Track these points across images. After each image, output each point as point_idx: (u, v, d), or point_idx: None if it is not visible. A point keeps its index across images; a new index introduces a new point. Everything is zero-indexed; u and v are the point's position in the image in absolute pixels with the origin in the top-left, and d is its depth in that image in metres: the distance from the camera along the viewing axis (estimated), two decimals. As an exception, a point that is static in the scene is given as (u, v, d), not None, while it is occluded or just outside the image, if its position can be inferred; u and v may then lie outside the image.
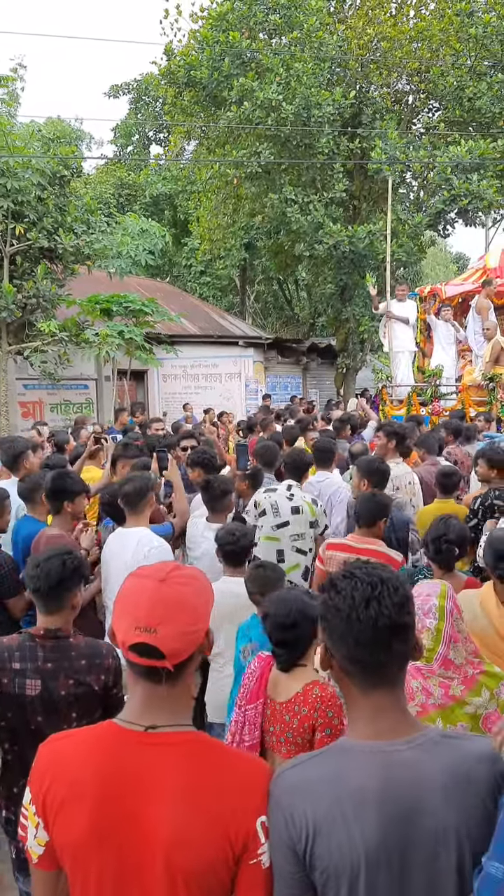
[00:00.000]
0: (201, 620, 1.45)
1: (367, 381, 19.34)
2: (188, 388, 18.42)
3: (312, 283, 22.60)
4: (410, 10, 17.42)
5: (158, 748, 1.38)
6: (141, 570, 1.51)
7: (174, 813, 1.33)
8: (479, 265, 13.47)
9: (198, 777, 1.36)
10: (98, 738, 1.42)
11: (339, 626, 1.40)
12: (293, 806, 1.36)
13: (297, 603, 2.46)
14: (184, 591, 1.43)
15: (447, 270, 38.98)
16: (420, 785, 1.34)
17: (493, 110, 15.75)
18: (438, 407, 10.59)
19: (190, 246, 25.92)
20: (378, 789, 1.33)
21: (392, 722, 1.41)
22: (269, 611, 2.49)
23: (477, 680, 2.24)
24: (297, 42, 15.69)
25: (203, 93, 16.73)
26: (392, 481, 5.16)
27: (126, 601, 1.43)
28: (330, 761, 1.41)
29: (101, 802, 1.34)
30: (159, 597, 1.40)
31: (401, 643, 1.40)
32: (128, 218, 16.28)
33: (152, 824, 1.33)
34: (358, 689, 1.42)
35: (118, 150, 31.39)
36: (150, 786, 1.34)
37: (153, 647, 1.36)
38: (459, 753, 1.39)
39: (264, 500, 4.73)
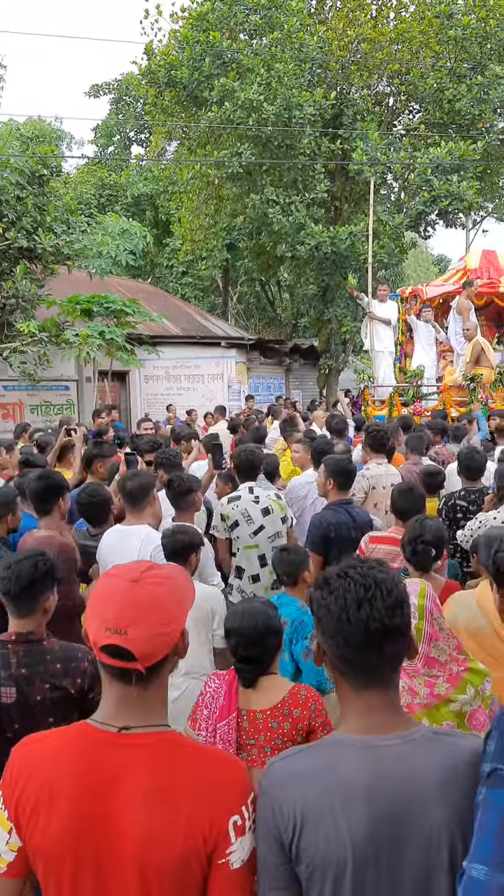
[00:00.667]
0: (174, 622, 1.42)
1: (350, 381, 19.37)
2: (170, 389, 18.36)
3: (294, 284, 22.61)
4: (391, 13, 17.48)
5: (132, 749, 1.36)
6: (115, 569, 1.47)
7: (147, 813, 1.31)
8: (460, 266, 13.57)
9: (171, 776, 1.34)
10: (72, 740, 1.40)
11: (330, 626, 1.39)
12: (281, 797, 1.35)
13: (262, 616, 2.38)
14: (157, 591, 1.40)
15: (428, 272, 39.18)
16: (413, 781, 1.33)
17: (473, 112, 15.84)
18: (420, 407, 10.63)
19: (171, 246, 25.85)
20: (368, 783, 1.32)
21: (384, 718, 1.40)
22: (233, 626, 2.40)
23: (462, 677, 2.23)
24: (278, 43, 15.69)
25: (184, 93, 16.68)
26: (368, 480, 5.20)
27: (97, 601, 1.40)
28: (320, 754, 1.40)
29: (75, 804, 1.32)
30: (131, 597, 1.37)
31: (392, 646, 1.38)
32: (108, 218, 16.19)
33: (126, 825, 1.31)
34: (350, 687, 1.41)
35: (99, 150, 31.25)
36: (124, 786, 1.33)
37: (124, 648, 1.34)
38: (452, 751, 1.37)
39: (232, 510, 4.67)
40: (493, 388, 10.47)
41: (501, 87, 15.52)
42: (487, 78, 15.49)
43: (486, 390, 10.33)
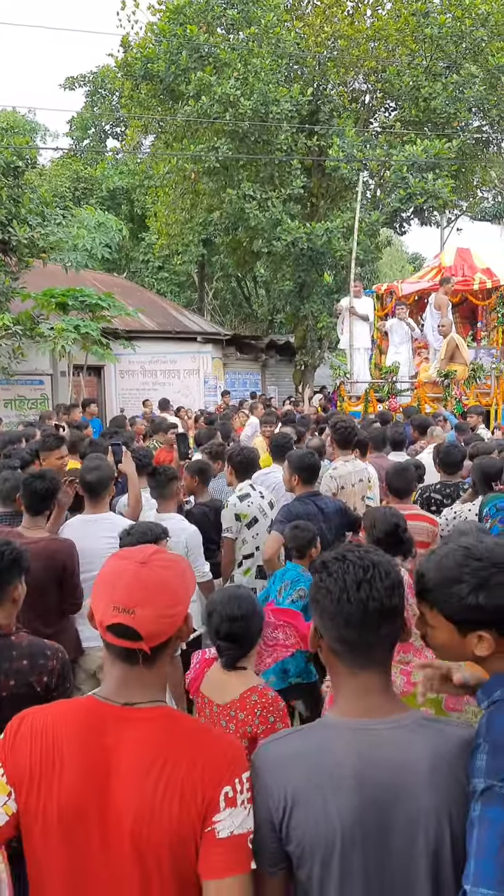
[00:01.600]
0: (181, 604, 1.46)
1: (326, 377, 19.44)
2: (146, 384, 18.27)
3: (271, 280, 22.60)
4: (367, 10, 17.53)
5: (134, 722, 1.39)
6: (123, 551, 1.52)
7: (144, 785, 1.34)
8: (435, 264, 13.68)
9: (168, 750, 1.37)
10: (78, 712, 1.44)
11: (329, 607, 1.42)
12: (273, 778, 1.38)
13: (245, 598, 2.42)
14: (164, 574, 1.45)
15: (403, 270, 39.41)
16: (403, 766, 1.35)
17: (448, 111, 15.96)
18: (395, 403, 10.71)
19: (147, 241, 25.70)
20: (358, 767, 1.35)
21: (378, 701, 1.42)
22: (214, 607, 2.40)
23: (436, 664, 2.26)
24: (255, 38, 15.67)
25: (160, 86, 16.59)
26: (337, 481, 5.11)
27: (106, 581, 1.44)
28: (313, 736, 1.43)
29: (78, 774, 1.35)
30: (139, 579, 1.41)
31: (389, 626, 1.42)
32: (84, 211, 16.05)
33: (123, 797, 1.34)
34: (346, 669, 1.44)
35: (74, 143, 30.93)
36: (124, 758, 1.36)
37: (130, 628, 1.38)
38: (443, 737, 1.39)
39: (248, 508, 4.66)
40: (467, 384, 10.59)
41: (476, 87, 15.66)
42: (462, 77, 15.62)
43: (459, 387, 10.44)
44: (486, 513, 3.60)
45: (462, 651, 1.53)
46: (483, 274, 12.33)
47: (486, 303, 12.29)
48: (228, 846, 1.33)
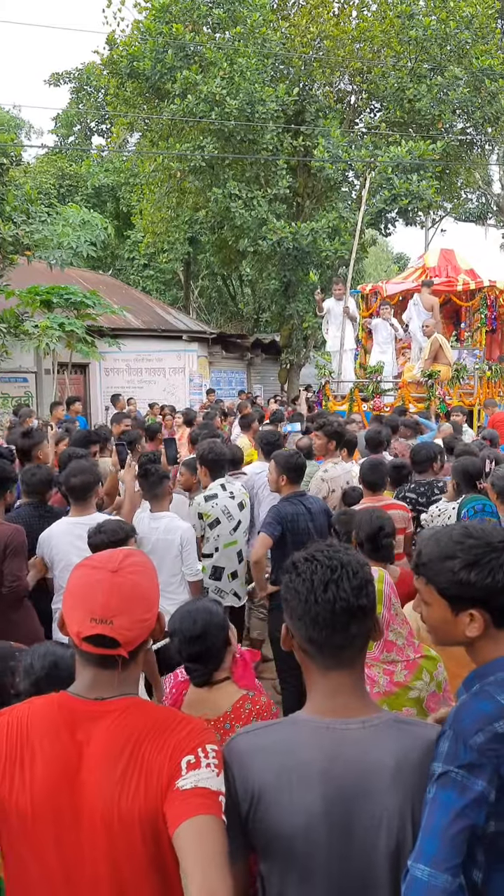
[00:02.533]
0: (154, 606, 1.50)
1: (311, 377, 19.51)
2: (131, 381, 18.24)
3: (256, 279, 22.66)
4: (353, 11, 17.60)
5: (103, 715, 1.42)
6: (91, 560, 1.53)
7: (113, 772, 1.37)
8: (419, 264, 13.77)
9: (136, 736, 1.40)
10: (49, 707, 1.46)
11: (297, 607, 1.42)
12: (241, 769, 1.40)
13: (202, 614, 2.33)
14: (137, 580, 1.47)
15: (388, 270, 39.59)
16: (368, 765, 1.36)
17: (433, 112, 16.07)
18: (379, 403, 10.78)
19: (133, 239, 25.63)
20: (324, 765, 1.36)
21: (348, 701, 1.43)
22: (174, 627, 2.34)
23: (418, 664, 2.30)
24: (241, 37, 15.68)
25: (146, 84, 16.56)
26: (328, 483, 5.17)
27: (79, 593, 1.46)
28: (282, 731, 1.44)
29: (49, 766, 1.38)
30: (114, 588, 1.43)
31: (359, 626, 1.42)
32: (69, 208, 16.01)
33: (93, 786, 1.37)
34: (317, 669, 1.44)
35: (59, 140, 30.79)
36: (92, 749, 1.39)
37: (109, 637, 1.40)
38: (411, 738, 1.41)
39: (212, 509, 4.68)
40: (451, 384, 10.68)
41: (460, 89, 15.77)
42: (447, 79, 15.72)
43: (443, 387, 10.53)
44: (465, 514, 3.66)
45: (454, 632, 1.56)
46: (467, 275, 12.44)
47: (470, 304, 12.40)
48: (195, 794, 1.32)
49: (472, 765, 1.34)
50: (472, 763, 1.34)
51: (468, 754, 1.34)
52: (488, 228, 27.87)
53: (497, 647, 1.54)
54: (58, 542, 3.93)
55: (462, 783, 1.33)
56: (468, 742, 1.36)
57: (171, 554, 4.19)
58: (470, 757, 1.34)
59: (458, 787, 1.33)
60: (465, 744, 1.36)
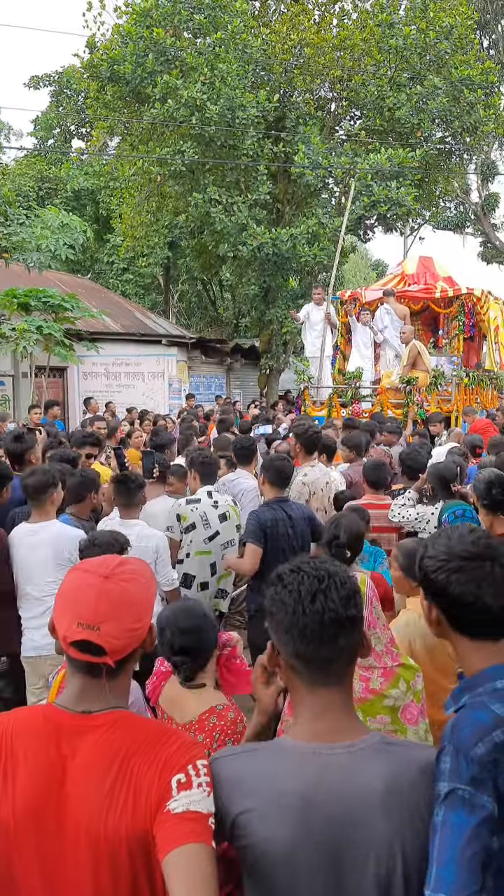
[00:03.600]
0: (145, 616, 1.47)
1: (290, 382, 19.54)
2: (110, 386, 18.15)
3: (236, 284, 22.64)
4: (333, 19, 17.70)
5: (88, 730, 1.39)
6: (86, 563, 1.51)
7: (100, 788, 1.34)
8: (398, 271, 13.85)
9: (124, 751, 1.37)
10: (34, 719, 1.43)
11: (284, 620, 1.37)
12: (222, 797, 1.35)
13: (196, 608, 2.37)
14: (128, 587, 1.44)
15: (367, 277, 39.82)
16: (354, 793, 1.30)
17: (412, 121, 16.20)
18: (358, 409, 10.82)
19: (112, 242, 25.55)
20: (309, 793, 1.30)
21: (334, 723, 1.38)
22: (165, 623, 2.32)
23: (395, 672, 2.28)
24: (222, 43, 15.70)
25: (126, 88, 16.52)
26: (309, 487, 5.16)
27: (69, 597, 1.44)
28: (266, 758, 1.38)
29: (32, 780, 1.35)
30: (104, 594, 1.41)
31: (347, 638, 1.37)
32: (48, 211, 15.90)
33: (78, 802, 1.34)
34: (304, 686, 1.39)
35: (38, 143, 30.62)
36: (77, 764, 1.36)
37: (95, 644, 1.38)
38: (401, 762, 1.35)
39: (191, 512, 4.62)
40: (428, 391, 10.75)
41: (439, 98, 15.93)
42: (426, 88, 15.86)
43: (421, 393, 10.59)
44: (445, 520, 3.67)
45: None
46: (445, 282, 12.54)
47: (448, 311, 12.50)
48: (185, 818, 1.29)
49: (476, 779, 1.30)
50: (475, 777, 1.30)
51: (471, 768, 1.31)
52: (466, 237, 28.15)
53: (482, 658, 1.52)
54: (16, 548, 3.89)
55: (470, 801, 1.29)
56: (469, 754, 1.32)
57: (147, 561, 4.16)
58: (473, 770, 1.31)
59: (468, 805, 1.28)
60: (466, 757, 1.32)
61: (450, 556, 1.55)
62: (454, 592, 1.52)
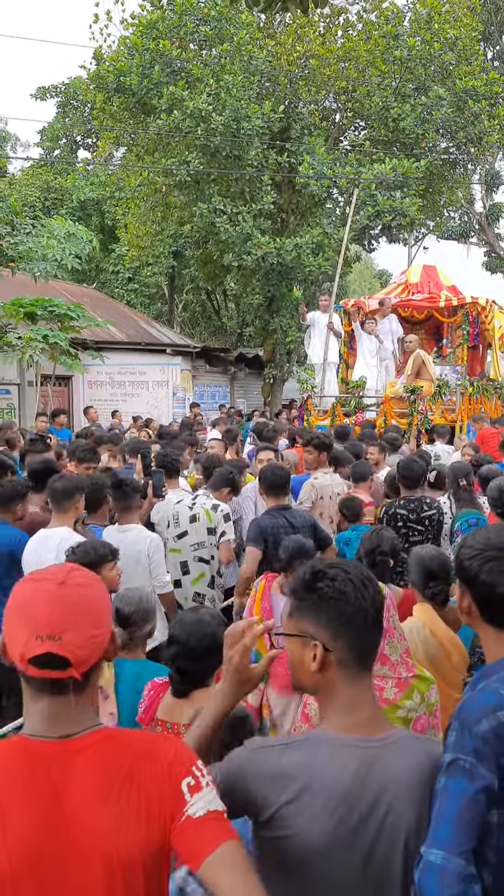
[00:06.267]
0: (105, 623, 1.36)
1: (294, 391, 19.56)
2: (114, 395, 18.19)
3: (240, 294, 22.70)
4: (338, 31, 17.82)
5: (75, 755, 1.28)
6: (36, 573, 1.38)
7: (103, 812, 1.25)
8: (402, 280, 13.87)
9: (121, 769, 1.29)
10: (9, 756, 1.28)
11: (345, 610, 1.42)
12: (264, 788, 1.37)
13: (209, 630, 2.24)
14: (85, 592, 1.33)
15: (371, 286, 39.91)
16: (388, 784, 1.37)
17: (417, 131, 16.27)
18: (361, 418, 10.81)
19: (117, 252, 25.67)
20: (347, 785, 1.35)
21: (369, 715, 1.44)
22: (178, 636, 2.25)
23: (410, 683, 2.26)
24: (227, 54, 15.82)
25: (132, 99, 16.64)
26: (317, 490, 5.31)
27: (21, 609, 1.30)
28: (307, 750, 1.41)
29: (27, 824, 1.23)
30: (60, 600, 1.28)
31: (381, 623, 1.50)
32: (54, 221, 16.00)
33: (86, 829, 1.25)
34: (347, 678, 1.44)
35: (45, 153, 30.83)
36: (74, 792, 1.26)
37: (58, 655, 1.25)
38: (423, 755, 1.43)
39: (169, 510, 4.76)
40: (433, 400, 10.74)
41: (444, 109, 16.01)
42: (431, 99, 15.94)
43: (425, 402, 10.59)
44: (458, 528, 3.68)
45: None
46: (449, 291, 12.55)
47: (452, 320, 12.49)
48: (210, 820, 1.26)
49: (478, 751, 1.40)
50: (478, 749, 1.40)
51: (474, 741, 1.41)
52: (470, 247, 28.20)
53: (500, 649, 1.62)
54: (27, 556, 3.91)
55: (471, 771, 1.38)
56: (473, 730, 1.42)
57: (139, 565, 4.15)
58: (475, 743, 1.40)
59: (468, 774, 1.38)
60: (470, 731, 1.42)
61: (486, 546, 1.65)
62: (486, 580, 1.61)
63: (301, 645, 1.46)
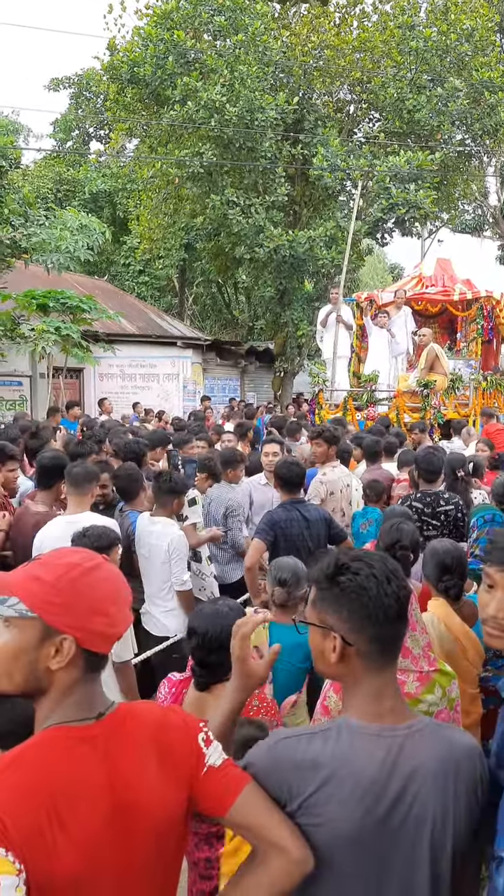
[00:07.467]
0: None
1: (304, 385, 19.50)
2: (125, 387, 18.20)
3: (252, 287, 22.66)
4: (353, 21, 17.68)
5: (110, 732, 1.35)
6: (71, 557, 1.38)
7: (149, 785, 1.33)
8: (415, 273, 13.79)
9: (147, 742, 1.37)
10: (54, 750, 1.29)
11: (368, 604, 1.42)
12: (292, 778, 1.38)
13: (229, 621, 2.16)
14: (119, 574, 1.45)
15: (384, 280, 39.73)
16: (415, 772, 1.37)
17: (432, 123, 16.13)
18: (373, 412, 10.74)
19: (129, 244, 25.63)
20: (375, 773, 1.36)
21: (393, 705, 1.44)
22: (197, 628, 2.24)
23: (432, 678, 2.24)
24: (242, 45, 15.72)
25: (146, 90, 16.58)
26: (326, 486, 5.25)
27: (99, 592, 1.35)
28: (335, 739, 1.41)
29: (89, 813, 1.25)
30: (116, 579, 1.41)
31: (406, 615, 1.48)
32: (67, 212, 15.97)
33: (138, 806, 1.32)
34: (371, 670, 1.44)
35: (57, 145, 30.79)
36: (121, 771, 1.32)
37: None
38: (450, 744, 1.43)
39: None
40: (446, 394, 10.67)
41: (459, 101, 15.85)
42: (447, 90, 15.78)
43: (439, 397, 10.51)
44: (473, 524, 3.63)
45: None
46: (463, 285, 12.46)
47: (466, 314, 12.41)
48: (227, 766, 1.40)
49: None
50: None
51: None
52: (484, 240, 27.99)
53: None
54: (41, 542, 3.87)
55: None
56: None
57: (159, 560, 4.15)
58: None
59: None
60: None
61: None
62: None
63: (322, 635, 1.47)
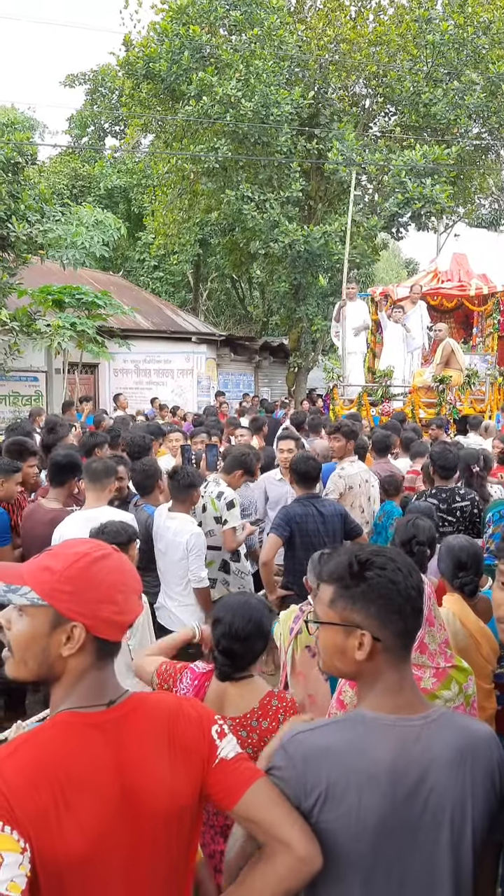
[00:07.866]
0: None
1: (319, 380, 19.46)
2: (140, 383, 18.25)
3: (266, 282, 22.60)
4: (370, 15, 17.59)
5: (122, 719, 1.36)
6: (84, 548, 1.39)
7: (160, 774, 1.34)
8: (431, 268, 13.71)
9: (160, 731, 1.38)
10: (65, 734, 1.30)
11: (396, 599, 1.42)
12: (308, 771, 1.38)
13: (256, 613, 2.24)
14: (124, 558, 1.47)
15: (398, 274, 39.53)
16: (432, 761, 1.38)
17: (448, 117, 16.02)
18: (388, 408, 10.70)
19: (144, 240, 25.67)
20: (393, 764, 1.36)
21: (410, 697, 1.45)
22: (222, 617, 2.24)
23: (448, 674, 2.25)
24: (257, 39, 15.68)
25: (161, 86, 16.58)
26: (345, 480, 5.28)
27: (113, 577, 1.37)
28: (349, 730, 1.42)
29: (97, 799, 1.26)
30: (127, 568, 1.43)
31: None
32: (83, 208, 16.02)
33: (148, 793, 1.33)
34: (392, 662, 1.44)
35: (73, 141, 30.87)
36: (131, 757, 1.33)
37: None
38: (468, 733, 1.44)
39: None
40: (462, 390, 10.61)
41: (476, 94, 15.73)
42: (463, 84, 15.67)
43: (454, 392, 10.45)
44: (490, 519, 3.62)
45: None
46: (479, 279, 12.38)
47: (482, 308, 12.33)
48: (240, 760, 1.41)
49: None
50: None
51: None
52: (501, 234, 27.74)
53: None
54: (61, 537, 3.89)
55: None
56: None
57: (177, 555, 4.15)
58: None
59: None
60: None
61: None
62: None
63: (344, 634, 1.44)
